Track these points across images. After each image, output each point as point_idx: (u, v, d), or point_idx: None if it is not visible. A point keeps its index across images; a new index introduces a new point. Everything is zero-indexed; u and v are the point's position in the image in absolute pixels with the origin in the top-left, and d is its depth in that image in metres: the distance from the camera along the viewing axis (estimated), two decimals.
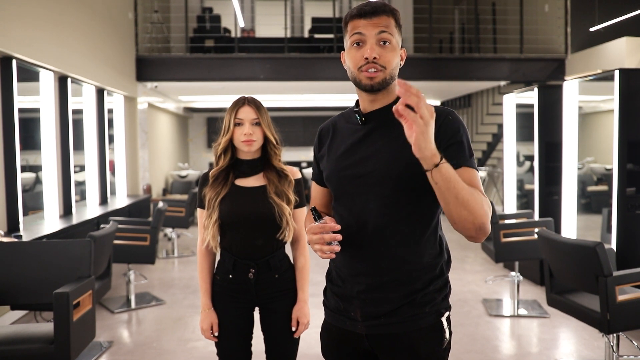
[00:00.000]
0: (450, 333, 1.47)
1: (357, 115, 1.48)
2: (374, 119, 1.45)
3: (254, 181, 2.00)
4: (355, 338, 1.49)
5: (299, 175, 2.05)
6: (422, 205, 1.38)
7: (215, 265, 2.08)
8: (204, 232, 2.00)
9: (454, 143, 1.34)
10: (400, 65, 1.44)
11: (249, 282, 1.98)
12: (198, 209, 2.05)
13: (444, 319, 1.44)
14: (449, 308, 1.47)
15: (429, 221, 1.42)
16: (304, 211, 2.06)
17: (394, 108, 1.16)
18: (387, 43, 1.38)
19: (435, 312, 1.43)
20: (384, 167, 1.39)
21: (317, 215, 1.41)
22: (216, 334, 2.00)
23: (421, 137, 1.15)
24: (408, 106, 1.14)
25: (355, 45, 1.40)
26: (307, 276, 2.07)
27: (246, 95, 2.02)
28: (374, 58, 1.37)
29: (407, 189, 1.38)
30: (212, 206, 1.95)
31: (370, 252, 1.41)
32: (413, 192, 1.36)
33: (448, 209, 1.26)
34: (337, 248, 1.35)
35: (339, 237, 1.35)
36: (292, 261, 2.09)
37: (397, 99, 1.41)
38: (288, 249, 2.12)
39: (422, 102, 1.13)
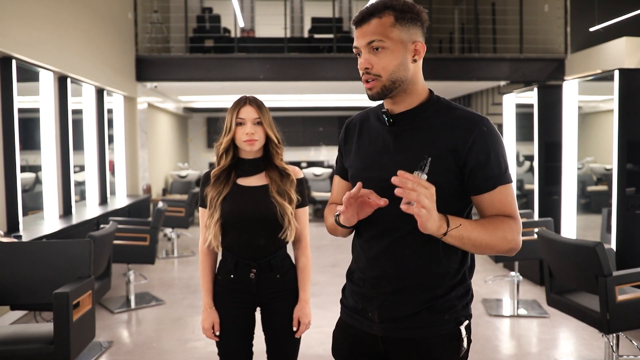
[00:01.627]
0: (470, 342, 1.45)
1: (384, 116, 1.42)
2: (400, 122, 1.40)
3: (256, 180, 1.99)
4: (370, 340, 1.46)
5: (301, 175, 2.05)
6: (446, 211, 1.31)
7: (217, 265, 2.08)
8: (205, 231, 2.00)
9: (486, 163, 1.32)
10: (415, 60, 1.36)
11: (250, 282, 1.97)
12: (200, 209, 2.05)
13: (462, 327, 1.41)
14: (469, 316, 1.44)
15: None
16: (306, 211, 2.06)
17: (401, 206, 1.19)
18: (379, 49, 1.33)
19: (455, 319, 1.41)
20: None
21: (424, 164, 1.28)
22: (217, 334, 2.00)
23: (426, 223, 1.20)
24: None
25: (358, 56, 1.39)
26: (308, 276, 2.07)
27: (247, 95, 2.02)
28: (366, 68, 1.35)
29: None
30: (214, 205, 1.95)
31: (394, 254, 1.39)
32: (439, 199, 1.28)
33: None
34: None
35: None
36: (293, 261, 2.09)
37: (427, 100, 1.40)
38: (290, 250, 2.12)
39: (421, 196, 1.17)
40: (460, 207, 1.38)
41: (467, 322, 1.42)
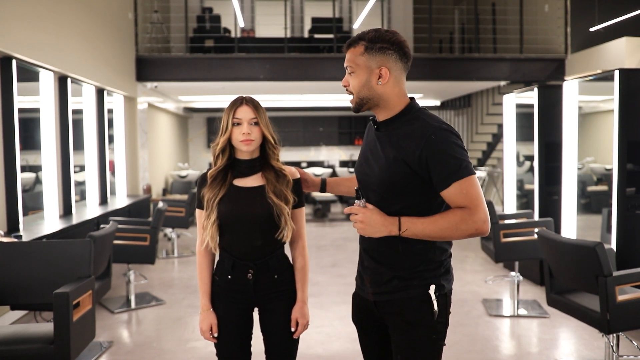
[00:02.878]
0: (444, 309, 1.71)
1: (372, 122, 1.78)
2: (382, 129, 1.73)
3: (253, 181, 1.99)
4: (369, 306, 1.80)
5: (298, 175, 2.05)
6: (408, 206, 1.66)
7: (215, 266, 2.08)
8: (203, 232, 2.00)
9: (437, 165, 1.58)
10: (380, 83, 1.67)
11: (248, 283, 1.97)
12: (197, 210, 2.05)
13: (431, 292, 1.68)
14: (440, 285, 1.70)
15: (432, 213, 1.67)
16: (302, 211, 2.07)
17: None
18: (352, 73, 1.70)
19: (423, 285, 1.69)
20: (378, 172, 1.69)
21: (359, 195, 1.68)
22: (215, 335, 2.00)
23: (364, 233, 1.66)
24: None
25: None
26: (306, 277, 2.07)
27: (244, 95, 2.01)
28: (345, 87, 1.74)
29: (396, 193, 1.67)
30: (211, 207, 1.95)
31: (372, 238, 1.71)
32: (402, 195, 1.66)
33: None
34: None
35: None
36: (290, 262, 2.09)
37: (400, 112, 1.70)
38: (287, 250, 2.12)
39: (358, 218, 1.65)
40: (425, 200, 1.66)
41: (434, 286, 1.69)
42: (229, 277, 1.99)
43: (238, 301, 2.00)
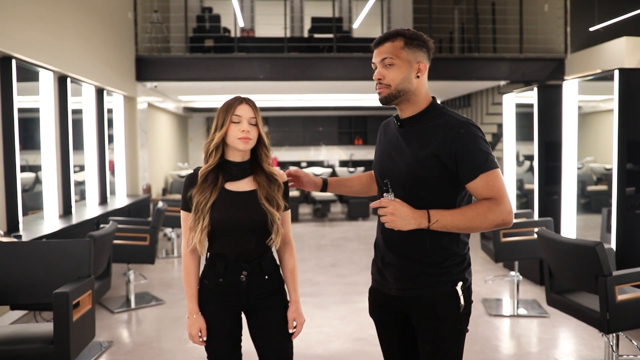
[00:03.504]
0: (469, 301, 1.81)
1: (396, 120, 1.84)
2: (406, 125, 1.79)
3: (244, 185, 1.95)
4: (391, 300, 1.85)
5: (286, 178, 2.04)
6: (435, 200, 1.72)
7: (202, 270, 2.04)
8: (189, 234, 1.94)
9: (465, 158, 1.66)
10: (419, 76, 1.75)
11: (241, 284, 1.95)
12: (182, 212, 1.98)
13: (458, 288, 1.76)
14: (465, 280, 1.79)
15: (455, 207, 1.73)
16: (289, 213, 2.07)
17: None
18: (391, 65, 1.74)
19: (451, 281, 1.76)
20: (405, 168, 1.75)
21: (388, 188, 1.71)
22: (205, 339, 1.98)
23: (394, 226, 1.65)
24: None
25: (374, 70, 1.80)
26: (296, 277, 2.08)
27: (242, 96, 2.00)
28: (379, 79, 1.76)
29: (425, 187, 1.72)
30: (201, 211, 1.90)
31: (398, 233, 1.74)
32: (430, 189, 1.72)
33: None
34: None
35: None
36: (277, 262, 2.09)
37: (425, 109, 1.77)
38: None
39: (388, 211, 1.64)
40: (452, 193, 1.73)
41: (461, 283, 1.77)
42: (221, 280, 1.96)
43: (229, 303, 1.97)
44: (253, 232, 1.93)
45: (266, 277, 1.99)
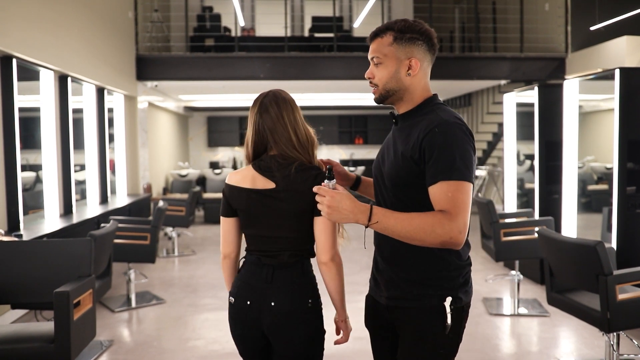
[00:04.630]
0: (458, 323, 1.60)
1: (392, 116, 1.72)
2: (400, 122, 1.68)
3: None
4: (382, 310, 1.72)
5: None
6: (423, 206, 1.54)
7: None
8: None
9: (430, 159, 1.49)
10: (410, 74, 1.61)
11: None
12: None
13: (447, 304, 1.57)
14: (457, 298, 1.59)
15: None
16: None
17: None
18: (379, 64, 1.62)
19: (439, 295, 1.58)
20: (388, 168, 1.63)
21: (331, 174, 1.55)
22: None
23: (331, 218, 1.50)
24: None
25: None
26: None
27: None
28: (370, 78, 1.65)
29: (405, 189, 1.58)
30: None
31: (388, 240, 1.60)
32: (410, 192, 1.57)
33: None
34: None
35: None
36: None
37: (418, 106, 1.64)
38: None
39: (324, 200, 1.49)
40: (424, 196, 1.53)
41: (450, 299, 1.58)
42: None
43: None
44: None
45: None
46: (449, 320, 1.57)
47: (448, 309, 1.57)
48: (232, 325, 1.84)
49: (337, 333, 1.94)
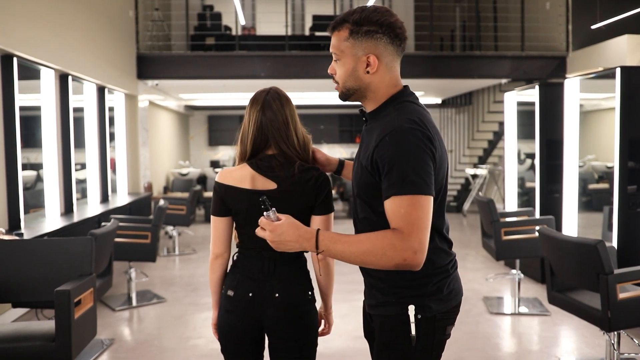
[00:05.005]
0: (428, 337, 1.44)
1: (360, 114, 1.59)
2: (370, 121, 1.53)
3: None
4: (367, 318, 1.65)
5: None
6: (371, 209, 1.45)
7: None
8: None
9: (384, 171, 1.35)
10: (368, 72, 1.44)
11: None
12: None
13: (410, 312, 1.43)
14: (424, 306, 1.44)
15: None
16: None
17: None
18: (337, 60, 1.47)
19: (401, 303, 1.45)
20: (354, 176, 1.53)
21: (267, 204, 1.44)
22: None
23: (278, 249, 1.39)
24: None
25: None
26: None
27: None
28: (332, 74, 1.51)
29: (369, 200, 1.45)
30: None
31: None
32: (375, 203, 1.42)
33: None
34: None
35: None
36: None
37: (382, 104, 1.48)
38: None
39: (266, 234, 1.38)
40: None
41: (413, 307, 1.43)
42: None
43: None
44: None
45: None
46: (412, 331, 1.43)
47: (412, 318, 1.43)
48: (226, 318, 1.80)
49: (321, 325, 1.99)
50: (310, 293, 1.84)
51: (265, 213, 1.41)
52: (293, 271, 1.81)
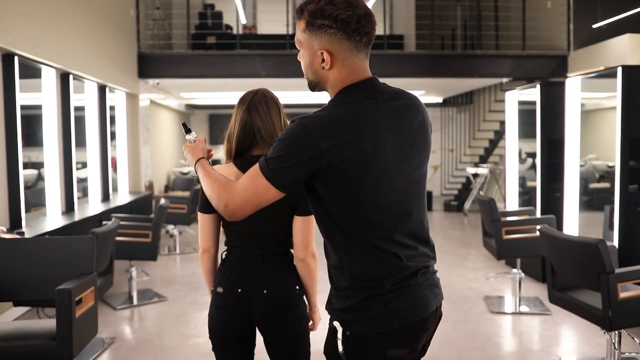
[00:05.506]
0: (354, 354, 1.34)
1: None
2: None
3: None
4: None
5: None
6: (318, 217, 1.43)
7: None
8: None
9: None
10: (324, 68, 1.35)
11: None
12: None
13: (337, 326, 1.36)
14: (347, 322, 1.34)
15: (328, 227, 1.39)
16: None
17: None
18: (300, 50, 1.41)
19: (332, 312, 1.41)
20: None
21: (188, 128, 1.75)
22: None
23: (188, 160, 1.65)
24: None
25: None
26: None
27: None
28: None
29: (309, 192, 1.41)
30: None
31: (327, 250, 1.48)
32: (311, 200, 1.42)
33: None
34: None
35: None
36: None
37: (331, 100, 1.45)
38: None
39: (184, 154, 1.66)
40: (317, 209, 1.41)
41: (338, 324, 1.36)
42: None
43: None
44: None
45: None
46: (340, 348, 1.35)
47: (339, 333, 1.35)
48: (217, 314, 1.84)
49: (309, 321, 2.02)
50: (297, 287, 1.90)
51: (187, 136, 1.72)
52: (280, 267, 1.86)
